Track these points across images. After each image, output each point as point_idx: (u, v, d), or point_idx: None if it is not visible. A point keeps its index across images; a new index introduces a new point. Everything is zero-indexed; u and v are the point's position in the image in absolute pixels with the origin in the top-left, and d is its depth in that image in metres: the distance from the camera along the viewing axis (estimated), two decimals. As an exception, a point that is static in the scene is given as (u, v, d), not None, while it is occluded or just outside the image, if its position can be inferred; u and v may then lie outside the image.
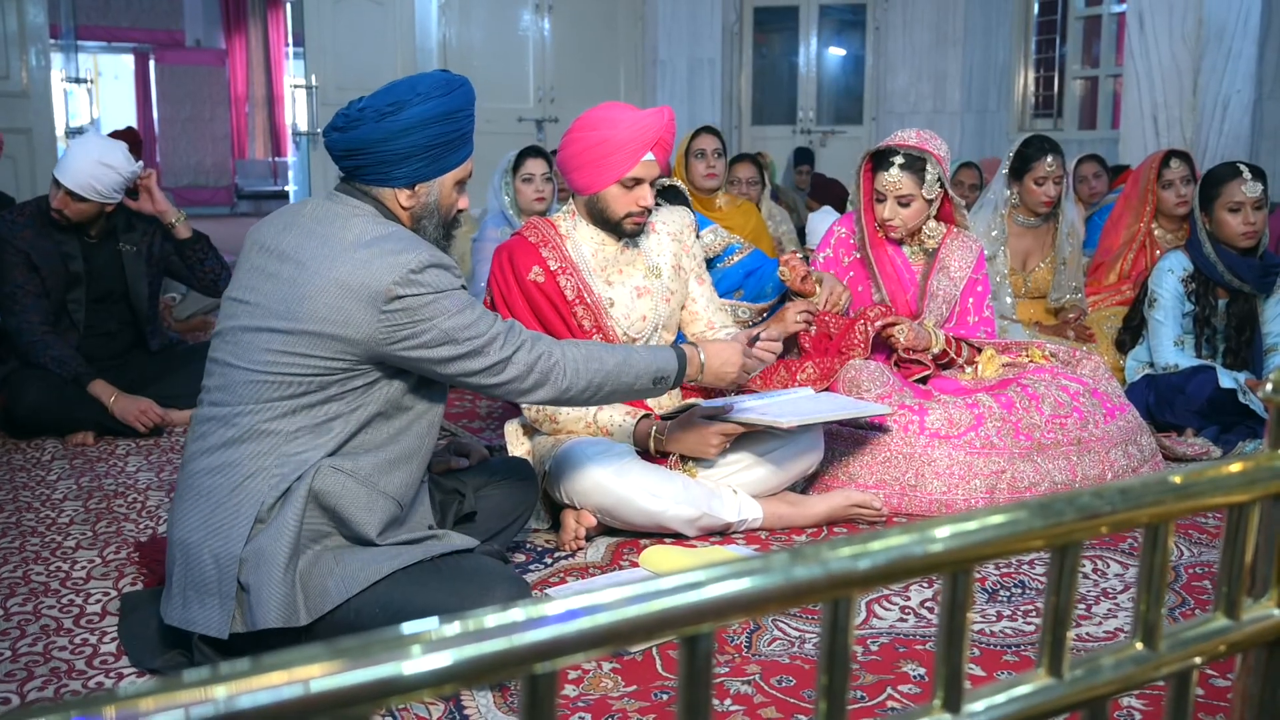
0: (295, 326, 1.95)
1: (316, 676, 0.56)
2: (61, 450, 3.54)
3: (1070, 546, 0.77)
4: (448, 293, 1.98)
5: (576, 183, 2.76)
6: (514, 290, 2.76)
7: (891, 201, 3.25)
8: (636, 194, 2.71)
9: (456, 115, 2.07)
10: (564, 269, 2.77)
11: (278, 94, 15.93)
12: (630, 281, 2.84)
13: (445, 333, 1.97)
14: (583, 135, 2.69)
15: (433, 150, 2.05)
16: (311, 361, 1.95)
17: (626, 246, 2.85)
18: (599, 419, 2.74)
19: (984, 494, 2.89)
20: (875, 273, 3.35)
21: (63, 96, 13.95)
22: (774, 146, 8.59)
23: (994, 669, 2.04)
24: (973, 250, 3.39)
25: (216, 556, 1.92)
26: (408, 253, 1.96)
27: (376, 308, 1.93)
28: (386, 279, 1.92)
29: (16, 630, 2.20)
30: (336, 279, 1.94)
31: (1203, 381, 3.51)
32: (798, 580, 0.64)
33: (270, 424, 1.96)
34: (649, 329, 2.86)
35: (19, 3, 6.65)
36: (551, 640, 0.61)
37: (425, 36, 8.24)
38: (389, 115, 2.00)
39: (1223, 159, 4.70)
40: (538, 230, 2.82)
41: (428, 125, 2.02)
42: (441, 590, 1.94)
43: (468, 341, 1.99)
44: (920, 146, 3.21)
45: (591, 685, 1.94)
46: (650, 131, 2.66)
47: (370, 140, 2.01)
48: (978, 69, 8.69)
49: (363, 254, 1.95)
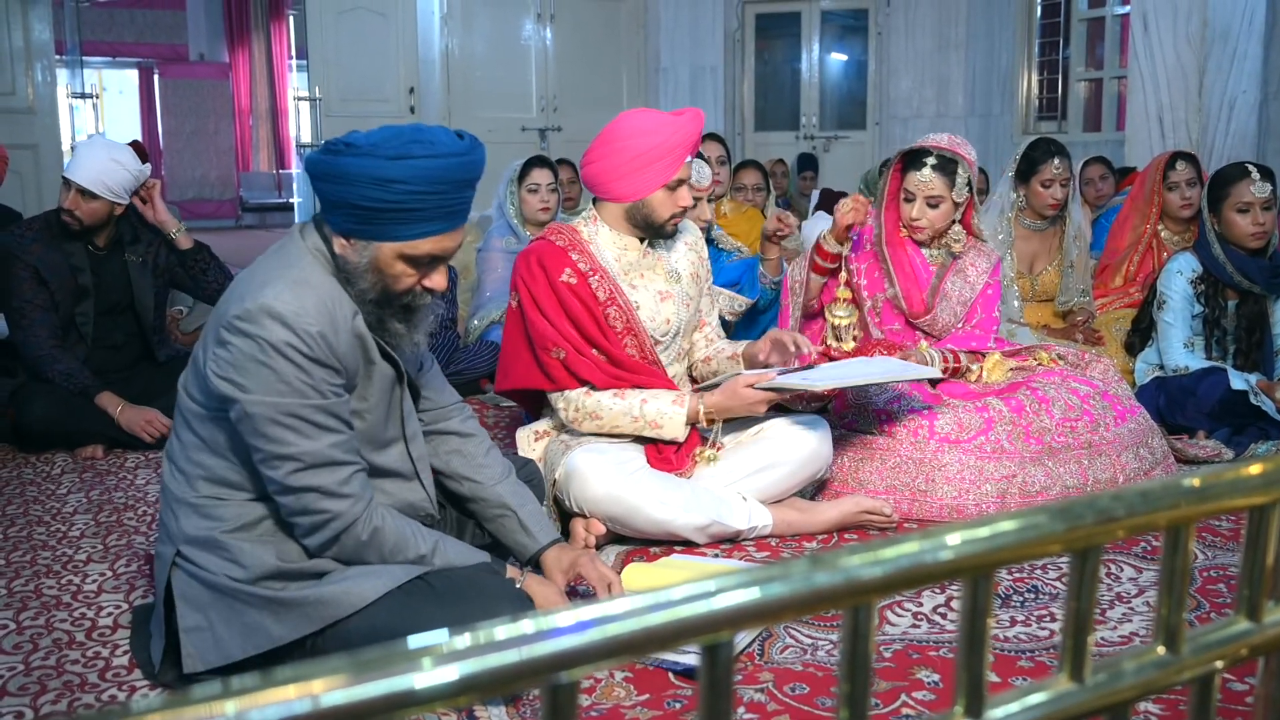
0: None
1: (327, 690, 0.55)
2: (71, 464, 3.54)
3: (1091, 550, 0.76)
4: (277, 365, 1.85)
5: (615, 192, 2.77)
6: (546, 292, 2.75)
7: (921, 202, 3.24)
8: (679, 195, 2.76)
9: (393, 186, 1.84)
10: (594, 271, 2.78)
11: (281, 106, 15.96)
12: (652, 286, 2.87)
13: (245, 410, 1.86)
14: (623, 146, 2.71)
15: (362, 211, 1.87)
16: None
17: (647, 252, 2.87)
18: (646, 412, 2.74)
19: (995, 499, 2.87)
20: (890, 269, 3.34)
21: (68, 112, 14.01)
22: (777, 153, 8.58)
23: (1010, 675, 2.03)
24: (991, 259, 3.38)
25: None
26: (269, 288, 1.87)
27: (217, 335, 1.90)
28: (233, 307, 1.87)
29: (29, 644, 2.19)
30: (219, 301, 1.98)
31: (1213, 383, 3.49)
32: (818, 587, 0.63)
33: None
34: (672, 332, 2.89)
35: (24, 19, 6.67)
36: (564, 652, 0.60)
37: (428, 47, 8.25)
38: (332, 153, 1.88)
39: (1229, 160, 4.68)
40: (563, 234, 2.82)
41: (355, 183, 1.85)
42: (442, 613, 1.90)
43: (259, 438, 1.88)
44: (953, 150, 3.22)
45: (604, 694, 1.93)
46: (692, 135, 2.74)
47: (315, 171, 1.92)
48: (981, 73, 8.68)
49: (244, 275, 1.96)
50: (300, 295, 1.87)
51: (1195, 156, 4.50)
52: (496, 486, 2.28)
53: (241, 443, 1.94)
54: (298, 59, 14.97)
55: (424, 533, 2.04)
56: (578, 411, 2.76)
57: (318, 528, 1.93)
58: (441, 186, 1.88)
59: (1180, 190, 4.37)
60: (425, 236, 1.91)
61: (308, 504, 1.91)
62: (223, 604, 1.94)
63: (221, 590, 1.94)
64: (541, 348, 2.75)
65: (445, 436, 2.28)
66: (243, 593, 1.93)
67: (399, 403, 2.11)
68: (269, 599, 1.93)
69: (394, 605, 1.91)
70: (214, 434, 1.97)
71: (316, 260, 1.96)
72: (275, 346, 1.84)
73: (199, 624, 1.95)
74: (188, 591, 1.96)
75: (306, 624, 1.92)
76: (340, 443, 1.92)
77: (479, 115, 8.17)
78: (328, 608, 1.92)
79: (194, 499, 1.99)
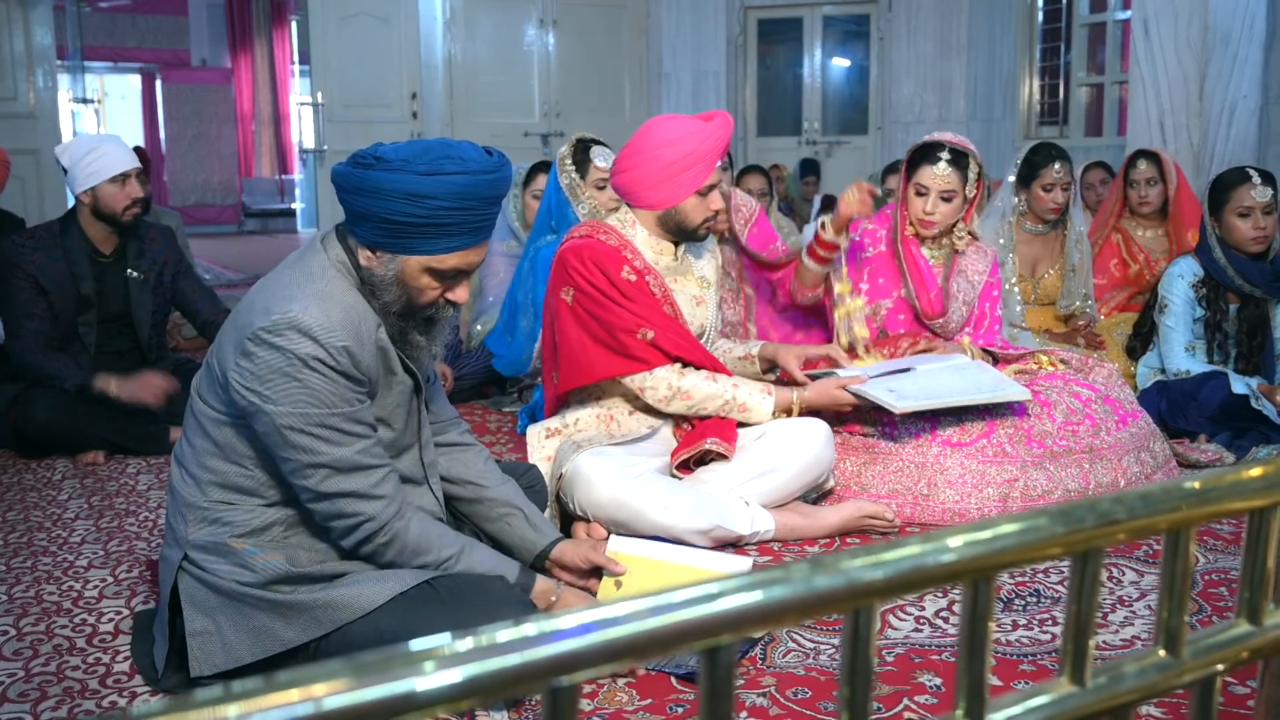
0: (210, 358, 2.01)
1: (329, 694, 0.55)
2: (72, 470, 3.54)
3: (1091, 553, 0.76)
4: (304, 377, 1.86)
5: (647, 200, 2.81)
6: (609, 285, 2.76)
7: (934, 196, 3.26)
8: (710, 200, 2.81)
9: (425, 201, 1.86)
10: (647, 270, 2.82)
11: (284, 112, 15.98)
12: (687, 290, 2.93)
13: (273, 422, 1.87)
14: (653, 155, 2.75)
15: (391, 225, 1.89)
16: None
17: (680, 257, 2.93)
18: (737, 396, 2.82)
19: (997, 502, 2.87)
20: (905, 269, 3.35)
21: (70, 117, 14.05)
22: (779, 158, 8.59)
23: (1011, 678, 2.03)
24: (988, 256, 3.42)
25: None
26: (296, 302, 1.87)
27: (239, 345, 1.90)
28: (258, 319, 1.88)
29: (30, 650, 2.19)
30: (236, 309, 1.98)
31: (1215, 387, 3.49)
32: (819, 590, 0.63)
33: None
34: (704, 335, 2.97)
35: (26, 24, 6.68)
36: (565, 655, 0.60)
37: (430, 53, 8.26)
38: (362, 166, 1.89)
39: (1230, 164, 4.69)
40: (610, 234, 2.83)
41: (387, 197, 1.87)
42: (445, 618, 1.89)
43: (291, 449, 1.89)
44: (963, 144, 3.27)
45: (606, 699, 1.93)
46: (722, 140, 2.79)
47: (343, 184, 1.93)
48: (982, 78, 8.68)
49: (265, 284, 1.96)
50: (327, 309, 1.88)
51: (1158, 154, 4.59)
52: (501, 487, 2.30)
53: (255, 449, 1.96)
54: (300, 64, 14.99)
55: (455, 538, 2.06)
56: (669, 389, 2.79)
57: (352, 530, 1.95)
58: (471, 202, 1.90)
59: (1139, 188, 4.56)
60: (452, 251, 1.93)
61: (342, 508, 1.93)
62: (231, 607, 1.94)
63: (230, 594, 1.94)
64: (624, 331, 2.75)
65: (446, 448, 2.30)
66: (251, 596, 1.93)
67: (416, 411, 2.14)
68: (278, 603, 1.93)
69: (398, 610, 1.91)
70: (229, 439, 1.97)
71: (340, 273, 1.96)
72: (303, 360, 1.85)
73: (206, 627, 1.95)
74: (195, 595, 1.97)
75: (316, 627, 1.92)
76: (367, 448, 1.94)
77: (481, 121, 8.18)
78: (337, 611, 1.92)
79: (204, 504, 1.99)
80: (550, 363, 2.95)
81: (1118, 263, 4.56)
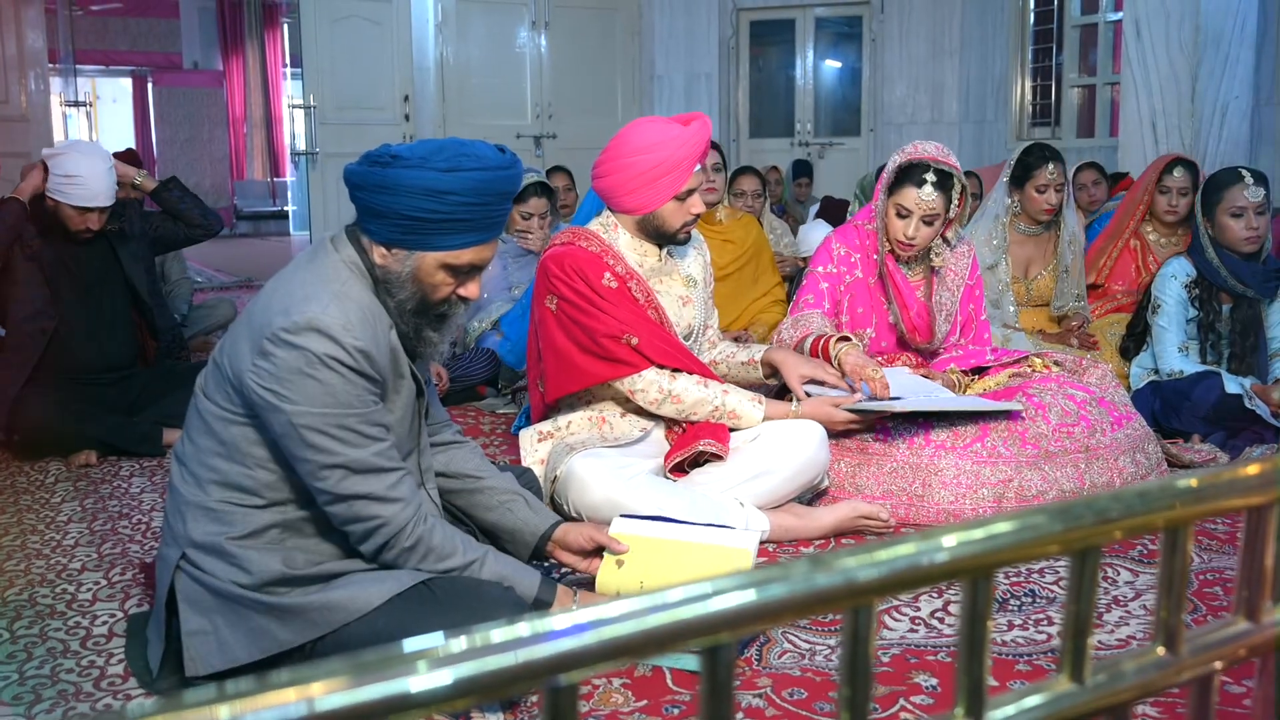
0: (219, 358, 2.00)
1: (324, 694, 0.55)
2: (65, 472, 3.52)
3: (1089, 551, 0.76)
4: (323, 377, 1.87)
5: (627, 205, 2.82)
6: (592, 292, 2.76)
7: (916, 220, 3.15)
8: (689, 204, 2.80)
9: (446, 197, 1.89)
10: (629, 275, 2.82)
11: (276, 114, 15.95)
12: (673, 291, 2.93)
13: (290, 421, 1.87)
14: (633, 161, 2.74)
15: (410, 222, 1.91)
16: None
17: (664, 258, 2.92)
18: (727, 402, 2.81)
19: (991, 503, 2.87)
20: (891, 294, 3.27)
21: (62, 120, 14.02)
22: (772, 160, 8.58)
23: (1007, 678, 2.03)
24: (966, 257, 3.35)
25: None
26: (314, 302, 1.88)
27: (257, 345, 1.90)
28: (276, 319, 1.88)
29: (23, 653, 2.18)
30: (248, 309, 1.97)
31: (1208, 387, 3.49)
32: (817, 588, 0.62)
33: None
34: (692, 335, 2.97)
35: (18, 27, 6.67)
36: (560, 654, 0.60)
37: (423, 55, 8.25)
38: (380, 165, 1.91)
39: (1222, 165, 4.69)
40: (591, 240, 2.84)
41: (407, 193, 1.89)
42: (440, 619, 1.89)
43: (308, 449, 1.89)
44: (948, 163, 3.13)
45: (602, 700, 1.93)
46: (700, 145, 2.76)
47: (360, 182, 1.94)
48: (975, 79, 8.69)
49: (279, 285, 1.96)
50: (345, 309, 1.90)
51: (1196, 165, 4.50)
52: (499, 477, 2.33)
53: (263, 449, 1.96)
54: (292, 67, 14.96)
55: (477, 545, 2.06)
56: (660, 392, 2.80)
57: (370, 534, 1.95)
58: (488, 198, 1.94)
59: (1171, 195, 4.40)
60: (468, 246, 1.96)
61: (359, 511, 1.93)
62: (228, 608, 1.94)
63: (226, 595, 1.94)
64: (608, 337, 2.75)
65: (440, 446, 2.31)
66: (248, 598, 1.93)
67: (417, 415, 2.15)
68: (274, 604, 1.93)
69: (393, 610, 1.91)
70: (234, 438, 1.97)
71: (353, 273, 1.97)
72: (322, 360, 1.86)
73: (203, 627, 1.95)
74: (192, 595, 1.96)
75: (312, 629, 1.92)
76: (383, 450, 1.94)
77: (474, 123, 8.16)
78: (333, 612, 1.92)
79: (205, 503, 1.99)
80: (535, 369, 2.95)
81: (1136, 268, 4.47)
